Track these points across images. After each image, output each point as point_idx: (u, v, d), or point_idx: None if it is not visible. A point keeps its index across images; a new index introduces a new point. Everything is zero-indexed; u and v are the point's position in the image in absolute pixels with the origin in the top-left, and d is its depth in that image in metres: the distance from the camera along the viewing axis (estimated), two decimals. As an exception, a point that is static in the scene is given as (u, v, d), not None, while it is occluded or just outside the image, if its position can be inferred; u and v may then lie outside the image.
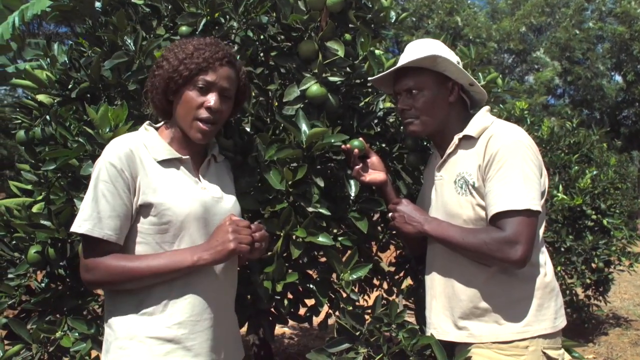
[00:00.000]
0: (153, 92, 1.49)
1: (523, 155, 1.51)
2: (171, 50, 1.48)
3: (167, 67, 1.44)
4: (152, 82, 1.49)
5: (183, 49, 1.46)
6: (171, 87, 1.45)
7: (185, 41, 1.49)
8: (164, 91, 1.46)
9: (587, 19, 18.40)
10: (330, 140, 1.70)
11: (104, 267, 1.34)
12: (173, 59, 1.44)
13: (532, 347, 1.53)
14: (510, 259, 1.46)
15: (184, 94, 1.44)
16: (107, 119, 1.55)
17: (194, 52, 1.44)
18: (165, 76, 1.44)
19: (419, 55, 1.63)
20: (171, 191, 1.40)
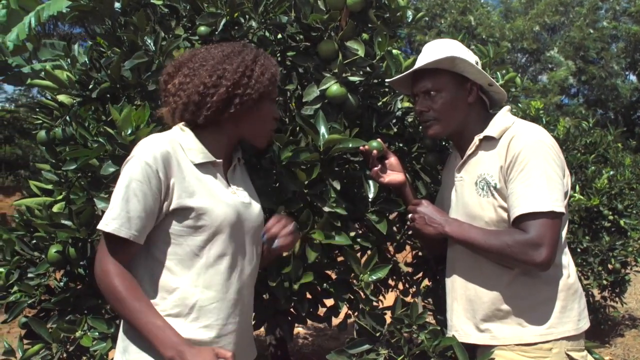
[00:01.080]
0: (203, 113, 1.42)
1: (545, 155, 1.50)
2: (257, 62, 1.46)
3: (253, 83, 1.43)
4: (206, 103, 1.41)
5: (266, 64, 1.47)
6: (256, 102, 1.44)
7: (261, 53, 1.49)
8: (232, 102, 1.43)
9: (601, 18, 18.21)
10: (348, 145, 1.70)
11: (114, 283, 1.30)
12: (262, 72, 1.44)
13: (555, 349, 1.52)
14: (534, 261, 1.45)
15: (266, 106, 1.48)
16: (130, 120, 1.55)
17: (274, 70, 1.49)
18: (260, 89, 1.43)
19: (437, 56, 1.61)
20: (208, 196, 1.39)
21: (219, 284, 1.40)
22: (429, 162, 1.96)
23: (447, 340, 1.58)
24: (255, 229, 1.50)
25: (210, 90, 1.40)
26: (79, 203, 1.83)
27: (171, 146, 1.39)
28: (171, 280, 1.38)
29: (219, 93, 1.40)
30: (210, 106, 1.40)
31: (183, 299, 1.37)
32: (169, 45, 1.79)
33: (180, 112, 1.44)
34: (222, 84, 1.40)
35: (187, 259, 1.38)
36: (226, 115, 1.42)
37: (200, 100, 1.41)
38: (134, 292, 1.30)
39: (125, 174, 1.34)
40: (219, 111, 1.41)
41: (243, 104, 1.42)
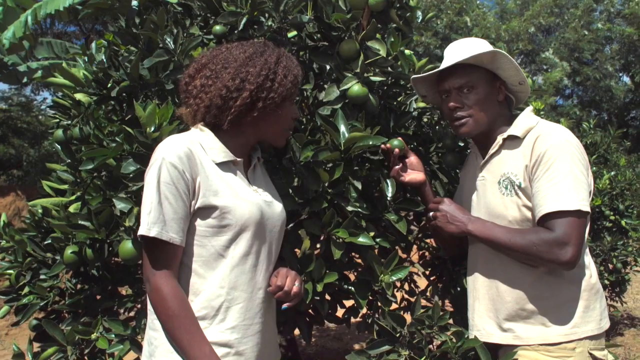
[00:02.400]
0: (226, 117, 1.41)
1: (571, 155, 1.50)
2: (280, 63, 1.44)
3: (277, 86, 1.42)
4: (229, 107, 1.40)
5: (289, 66, 1.46)
6: (269, 110, 1.43)
7: (283, 53, 1.48)
8: (255, 104, 1.42)
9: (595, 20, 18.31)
10: (368, 143, 1.69)
11: (167, 303, 1.30)
12: (285, 75, 1.44)
13: (579, 348, 1.52)
14: (560, 260, 1.45)
15: (286, 108, 1.47)
16: (154, 117, 1.54)
17: (297, 72, 1.48)
18: (283, 93, 1.42)
19: (474, 51, 1.61)
20: (232, 194, 1.39)
21: (244, 284, 1.39)
22: (448, 162, 1.95)
23: (470, 341, 1.58)
24: (278, 227, 1.50)
25: (234, 94, 1.39)
26: (94, 203, 1.81)
27: (192, 146, 1.38)
28: (197, 283, 1.37)
29: (243, 97, 1.39)
30: (234, 110, 1.39)
31: (209, 301, 1.36)
32: (189, 44, 1.78)
33: (202, 114, 1.43)
34: (246, 88, 1.39)
35: (212, 259, 1.38)
36: (249, 118, 1.42)
37: (223, 104, 1.40)
38: (186, 313, 1.31)
39: (152, 178, 1.33)
40: (241, 115, 1.41)
41: (266, 107, 1.41)
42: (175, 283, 1.34)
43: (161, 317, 1.32)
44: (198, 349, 1.29)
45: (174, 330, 1.31)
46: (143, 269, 1.37)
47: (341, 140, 1.68)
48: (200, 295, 1.37)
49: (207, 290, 1.37)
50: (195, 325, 1.33)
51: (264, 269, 1.44)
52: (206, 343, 1.31)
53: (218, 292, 1.37)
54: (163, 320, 1.32)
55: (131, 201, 1.70)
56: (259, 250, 1.43)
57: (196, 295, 1.37)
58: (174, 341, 1.32)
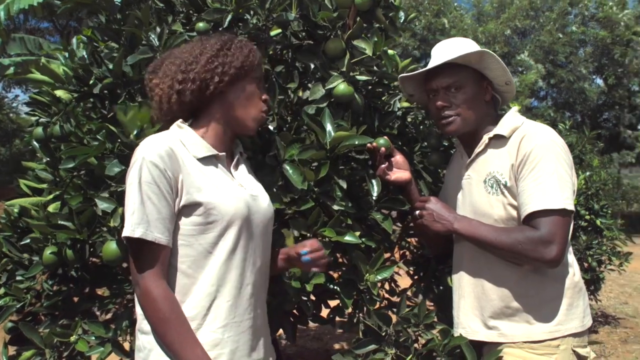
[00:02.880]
0: (190, 89, 1.42)
1: (557, 154, 1.52)
2: (228, 45, 1.46)
3: (223, 61, 1.43)
4: (190, 77, 1.42)
5: (245, 43, 1.48)
6: (239, 75, 1.44)
7: (217, 36, 1.49)
8: (208, 87, 1.43)
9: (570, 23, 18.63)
10: (354, 142, 1.69)
11: (157, 306, 1.28)
12: (233, 54, 1.44)
13: (563, 345, 1.54)
14: (545, 258, 1.47)
15: (249, 83, 1.47)
16: (136, 121, 1.51)
17: (252, 48, 1.49)
18: (237, 65, 1.43)
19: (462, 51, 1.62)
20: (216, 190, 1.37)
21: (234, 279, 1.38)
22: (433, 161, 1.96)
23: (456, 339, 1.59)
24: (265, 222, 1.48)
25: (192, 65, 1.42)
26: (74, 203, 1.77)
27: (173, 143, 1.37)
28: (187, 284, 1.35)
29: (201, 64, 1.41)
30: (195, 79, 1.41)
31: (200, 300, 1.35)
32: (174, 41, 1.75)
33: (167, 97, 1.44)
34: (202, 58, 1.42)
35: (201, 258, 1.36)
36: (212, 88, 1.42)
37: (183, 78, 1.41)
38: (177, 315, 1.30)
39: (134, 178, 1.31)
40: (203, 84, 1.42)
41: (225, 74, 1.42)
42: (165, 285, 1.32)
43: (152, 321, 1.30)
44: (190, 352, 1.27)
45: (165, 334, 1.29)
46: (130, 272, 1.35)
47: (327, 139, 1.67)
48: (191, 296, 1.35)
49: (197, 290, 1.35)
50: (187, 328, 1.31)
51: (252, 263, 1.43)
52: (198, 345, 1.30)
53: (208, 291, 1.35)
54: (154, 323, 1.30)
55: (114, 201, 1.66)
56: (246, 245, 1.41)
57: (187, 296, 1.35)
58: (165, 344, 1.30)
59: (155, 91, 1.46)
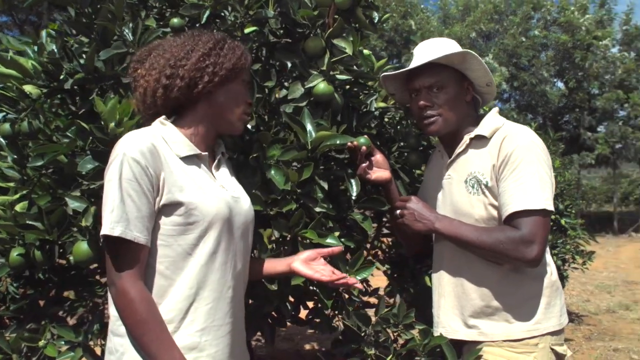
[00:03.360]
0: (177, 85, 1.38)
1: (537, 155, 1.54)
2: (220, 44, 1.43)
3: (215, 61, 1.39)
4: (179, 73, 1.38)
5: (237, 44, 1.46)
6: (228, 77, 1.41)
7: (210, 34, 1.45)
8: (197, 85, 1.39)
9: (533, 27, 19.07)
10: (335, 142, 1.67)
11: (134, 306, 1.24)
12: (226, 54, 1.41)
13: (541, 344, 1.56)
14: (526, 258, 1.48)
15: (237, 87, 1.44)
16: (116, 112, 1.46)
17: (244, 50, 1.47)
18: (229, 67, 1.40)
19: (445, 51, 1.63)
20: (198, 190, 1.34)
21: (214, 282, 1.35)
22: (412, 161, 1.96)
23: (437, 339, 1.59)
24: (246, 224, 1.46)
25: (182, 61, 1.38)
26: (43, 202, 1.70)
27: (155, 140, 1.33)
28: (164, 285, 1.31)
29: (191, 62, 1.37)
30: (184, 76, 1.37)
31: (178, 303, 1.31)
32: (148, 36, 1.70)
33: (152, 90, 1.39)
34: (193, 55, 1.38)
35: (180, 259, 1.32)
36: (200, 88, 1.38)
37: (172, 73, 1.37)
38: (154, 317, 1.26)
39: (114, 175, 1.26)
40: (192, 82, 1.38)
41: (215, 74, 1.39)
42: (142, 286, 1.27)
43: (128, 323, 1.26)
44: (167, 355, 1.23)
45: (141, 336, 1.24)
46: (107, 272, 1.30)
47: (308, 139, 1.65)
48: (168, 298, 1.31)
49: (175, 292, 1.31)
50: (164, 330, 1.27)
51: (232, 266, 1.40)
52: (175, 348, 1.26)
53: (187, 293, 1.31)
54: (130, 325, 1.26)
55: (86, 200, 1.61)
56: (227, 248, 1.38)
57: (163, 298, 1.31)
58: (141, 347, 1.25)
59: (139, 82, 1.42)
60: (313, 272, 1.48)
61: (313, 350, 4.68)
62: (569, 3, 18.74)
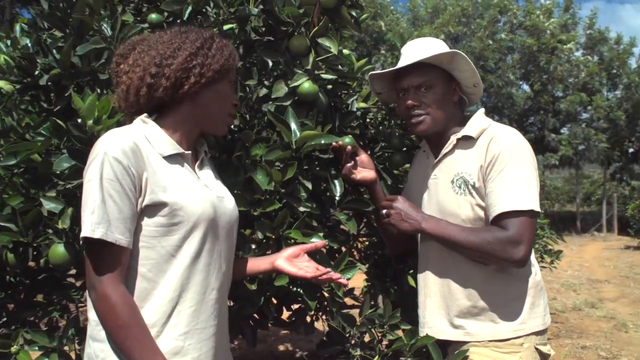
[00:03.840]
0: (162, 85, 1.33)
1: (524, 156, 1.55)
2: (208, 42, 1.38)
3: (202, 61, 1.34)
4: (164, 73, 1.32)
5: (225, 42, 1.41)
6: (215, 78, 1.36)
7: (198, 32, 1.40)
8: (182, 86, 1.34)
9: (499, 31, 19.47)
10: (320, 141, 1.66)
11: (116, 311, 1.20)
12: (214, 55, 1.36)
13: (526, 344, 1.57)
14: (513, 258, 1.49)
15: (224, 85, 1.40)
16: (94, 109, 1.41)
17: (232, 50, 1.42)
18: (216, 68, 1.36)
19: (434, 51, 1.62)
20: (182, 189, 1.30)
21: (197, 284, 1.31)
22: (396, 162, 1.96)
23: (424, 339, 1.59)
24: (231, 224, 1.42)
25: (168, 60, 1.32)
26: (15, 203, 1.64)
27: (137, 139, 1.28)
28: (147, 288, 1.27)
29: (178, 62, 1.32)
30: (169, 76, 1.32)
31: (161, 306, 1.27)
32: (128, 31, 1.65)
33: (135, 88, 1.34)
34: (180, 54, 1.33)
35: (163, 261, 1.28)
36: (186, 88, 1.33)
37: (157, 72, 1.32)
38: (136, 321, 1.21)
39: (94, 174, 1.21)
40: (178, 82, 1.33)
41: (202, 75, 1.34)
42: (124, 289, 1.23)
43: (109, 328, 1.21)
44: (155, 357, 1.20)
45: (123, 341, 1.20)
46: (87, 275, 1.25)
47: (293, 138, 1.63)
48: (151, 301, 1.26)
49: (158, 295, 1.27)
50: (147, 335, 1.23)
51: (217, 268, 1.37)
52: (159, 353, 1.22)
53: (171, 296, 1.27)
54: (111, 330, 1.21)
55: (62, 201, 1.55)
56: (212, 249, 1.35)
57: (146, 301, 1.26)
58: (123, 353, 1.21)
59: (122, 78, 1.36)
60: (297, 270, 1.46)
61: (287, 351, 4.66)
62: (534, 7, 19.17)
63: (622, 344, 5.08)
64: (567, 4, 19.61)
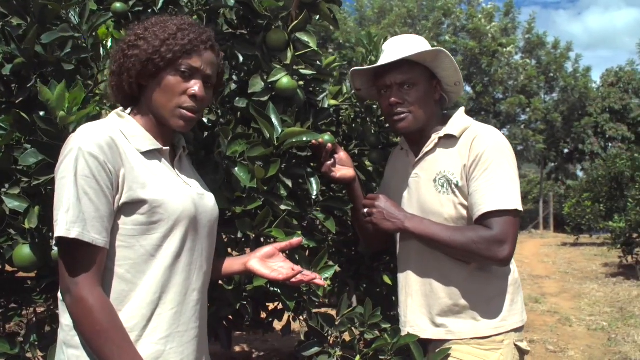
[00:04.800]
0: (123, 74, 1.27)
1: (507, 157, 1.57)
2: (148, 29, 1.28)
3: (145, 47, 1.25)
4: (121, 63, 1.27)
5: (164, 27, 1.27)
6: (149, 70, 1.25)
7: (165, 19, 1.31)
8: (138, 74, 1.27)
9: (443, 33, 19.98)
10: (302, 138, 1.63)
11: (93, 315, 1.13)
12: (152, 38, 1.25)
13: (506, 340, 1.59)
14: (498, 257, 1.50)
15: (164, 78, 1.26)
16: (64, 100, 1.32)
17: (177, 33, 1.27)
18: (143, 57, 1.25)
19: (417, 49, 1.62)
20: (162, 186, 1.23)
21: (178, 285, 1.25)
22: (373, 160, 1.95)
23: (406, 338, 1.59)
24: (212, 222, 1.37)
25: (117, 55, 1.29)
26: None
27: (114, 133, 1.21)
28: (125, 290, 1.20)
29: (117, 58, 1.28)
30: (114, 71, 1.29)
31: (140, 309, 1.20)
32: (97, 20, 1.56)
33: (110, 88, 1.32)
34: (124, 47, 1.28)
35: (142, 262, 1.22)
36: (125, 85, 1.28)
37: (112, 71, 1.29)
38: (115, 325, 1.15)
39: (68, 171, 1.14)
40: (119, 79, 1.29)
41: (131, 68, 1.26)
42: (101, 292, 1.16)
43: (86, 333, 1.14)
44: None
45: (102, 347, 1.13)
46: (60, 278, 1.17)
47: (275, 135, 1.59)
48: (129, 304, 1.20)
49: (137, 298, 1.20)
50: (126, 339, 1.16)
51: (198, 267, 1.31)
52: (139, 358, 1.16)
53: (150, 298, 1.21)
54: (89, 336, 1.13)
55: (26, 199, 1.45)
56: (193, 248, 1.29)
57: (124, 304, 1.19)
58: (100, 359, 1.14)
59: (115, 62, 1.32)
60: (270, 272, 1.40)
61: (243, 352, 4.58)
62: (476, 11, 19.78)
63: (567, 337, 5.30)
64: (508, 8, 20.36)
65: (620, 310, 6.53)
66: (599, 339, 5.31)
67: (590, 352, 4.84)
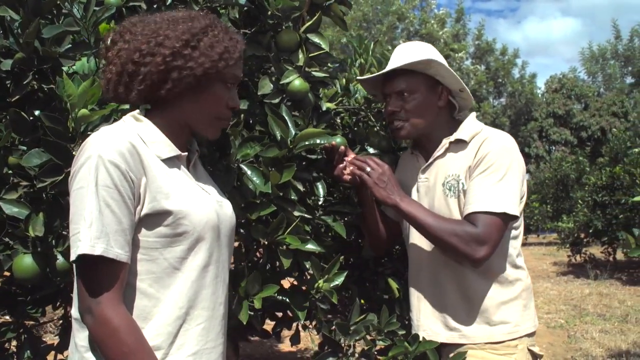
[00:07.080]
0: (165, 82, 1.17)
1: (510, 160, 1.57)
2: (197, 35, 1.18)
3: (202, 61, 1.17)
4: (162, 70, 1.16)
5: (216, 38, 1.20)
6: (201, 83, 1.19)
7: (208, 24, 1.21)
8: (187, 86, 1.18)
9: (397, 37, 20.28)
10: (316, 141, 1.58)
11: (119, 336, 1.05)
12: (208, 50, 1.18)
13: (520, 345, 1.60)
14: (474, 256, 1.49)
15: (212, 90, 1.21)
16: (86, 97, 1.23)
17: (230, 46, 1.21)
18: (199, 72, 1.17)
19: (414, 58, 1.61)
20: (185, 196, 1.16)
21: (206, 300, 1.19)
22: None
23: (425, 344, 1.57)
24: (231, 230, 1.30)
25: (146, 58, 1.15)
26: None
27: (133, 139, 1.13)
28: (148, 306, 1.12)
29: (155, 62, 1.15)
30: (143, 78, 1.15)
31: (165, 326, 1.13)
32: (102, 14, 1.47)
33: (114, 84, 1.19)
34: (159, 53, 1.15)
35: (166, 275, 1.14)
36: (163, 92, 1.17)
37: (134, 71, 1.16)
38: (142, 346, 1.07)
39: (88, 180, 1.05)
40: (154, 85, 1.16)
41: (182, 79, 1.17)
42: (125, 310, 1.08)
43: (111, 355, 1.05)
44: None
45: None
46: (79, 296, 1.08)
47: (290, 137, 1.54)
48: (153, 321, 1.12)
49: (162, 314, 1.13)
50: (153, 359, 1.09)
51: (223, 280, 1.25)
52: None
53: (176, 314, 1.14)
54: (114, 358, 1.05)
55: (26, 205, 1.34)
56: (218, 259, 1.23)
57: (147, 321, 1.12)
58: None
59: (108, 67, 1.20)
60: None
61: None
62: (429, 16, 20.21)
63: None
64: (459, 15, 20.89)
65: (575, 308, 6.79)
66: (559, 336, 5.50)
67: (553, 350, 4.99)
